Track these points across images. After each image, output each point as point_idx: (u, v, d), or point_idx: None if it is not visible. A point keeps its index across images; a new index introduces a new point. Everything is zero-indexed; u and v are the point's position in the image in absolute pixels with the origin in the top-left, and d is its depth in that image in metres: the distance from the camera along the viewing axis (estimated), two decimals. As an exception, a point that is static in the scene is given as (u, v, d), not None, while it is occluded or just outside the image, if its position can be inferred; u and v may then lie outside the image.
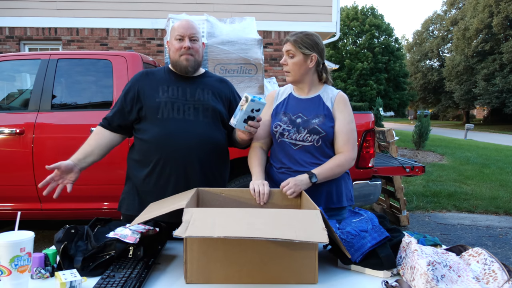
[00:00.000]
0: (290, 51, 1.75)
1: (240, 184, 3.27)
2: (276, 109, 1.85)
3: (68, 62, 3.48)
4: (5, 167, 3.26)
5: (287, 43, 1.76)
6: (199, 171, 1.73)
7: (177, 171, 1.70)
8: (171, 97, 1.75)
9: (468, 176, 7.68)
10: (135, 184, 1.79)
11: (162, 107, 1.73)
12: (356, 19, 34.68)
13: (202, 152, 1.73)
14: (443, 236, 4.19)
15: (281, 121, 1.79)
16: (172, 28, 1.80)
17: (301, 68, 1.76)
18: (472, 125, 19.65)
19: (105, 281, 1.12)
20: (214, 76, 1.94)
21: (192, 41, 1.75)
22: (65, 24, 7.46)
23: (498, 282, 1.10)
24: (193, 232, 1.07)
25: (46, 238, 3.87)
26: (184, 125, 1.72)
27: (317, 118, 1.76)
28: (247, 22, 3.73)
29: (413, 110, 46.41)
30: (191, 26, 1.76)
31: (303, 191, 1.57)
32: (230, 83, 1.98)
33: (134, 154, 1.81)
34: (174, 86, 1.79)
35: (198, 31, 1.78)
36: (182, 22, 1.77)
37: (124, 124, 1.80)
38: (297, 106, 1.81)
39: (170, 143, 1.69)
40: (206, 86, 1.83)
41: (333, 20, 7.90)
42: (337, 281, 1.23)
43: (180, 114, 1.73)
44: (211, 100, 1.79)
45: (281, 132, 1.78)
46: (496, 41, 28.80)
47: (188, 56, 1.74)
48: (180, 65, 1.76)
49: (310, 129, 1.74)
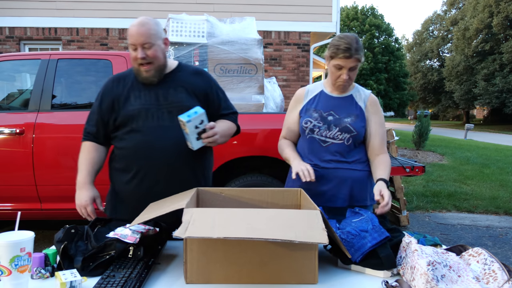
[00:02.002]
0: (356, 66, 1.72)
1: (240, 184, 3.27)
2: (306, 106, 1.85)
3: (68, 62, 3.48)
4: (5, 167, 3.25)
5: (350, 58, 1.67)
6: (180, 174, 1.71)
7: (159, 176, 1.68)
8: (144, 104, 1.70)
9: (468, 176, 7.68)
10: (118, 189, 1.77)
11: (136, 116, 1.68)
12: (356, 19, 34.68)
13: (181, 156, 1.70)
14: (443, 236, 4.19)
15: (311, 117, 1.80)
16: (128, 31, 1.69)
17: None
18: (472, 125, 19.65)
19: (105, 281, 1.12)
20: (188, 68, 1.84)
21: (146, 49, 1.63)
22: (65, 24, 7.46)
23: (498, 282, 1.10)
24: (193, 232, 1.07)
25: (46, 238, 3.86)
26: (160, 131, 1.68)
27: (350, 117, 1.77)
28: (247, 22, 3.73)
29: (413, 110, 46.41)
30: (140, 33, 1.61)
31: (303, 191, 1.57)
32: (206, 73, 1.89)
33: (114, 161, 1.77)
34: (145, 91, 1.72)
35: (151, 34, 1.63)
36: (131, 29, 1.63)
37: (108, 134, 1.77)
38: (329, 104, 1.81)
39: (148, 152, 1.66)
40: (178, 84, 1.75)
41: (333, 20, 7.90)
42: (337, 281, 1.23)
43: (154, 121, 1.69)
44: (185, 100, 1.73)
45: (311, 128, 1.78)
46: (496, 41, 28.80)
47: (146, 67, 1.66)
48: (142, 77, 1.70)
49: (342, 127, 1.75)
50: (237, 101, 3.54)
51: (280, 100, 4.15)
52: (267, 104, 3.82)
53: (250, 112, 3.45)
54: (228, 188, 1.60)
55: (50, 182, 3.26)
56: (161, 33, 1.69)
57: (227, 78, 3.51)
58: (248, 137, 3.24)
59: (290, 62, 7.89)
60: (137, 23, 1.64)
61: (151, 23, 1.65)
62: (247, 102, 3.52)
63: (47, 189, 3.28)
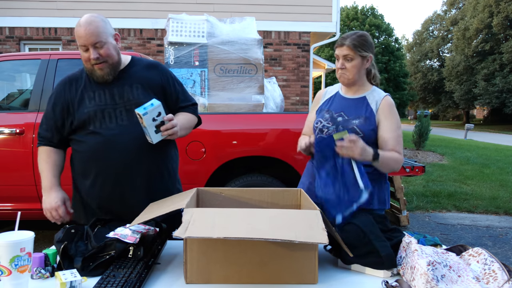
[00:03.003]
0: (349, 55, 1.72)
1: (240, 184, 3.27)
2: (321, 106, 1.87)
3: (68, 62, 3.48)
4: (5, 167, 3.25)
5: (343, 46, 1.72)
6: (145, 173, 1.68)
7: (121, 178, 1.64)
8: (100, 104, 1.64)
9: (468, 176, 7.68)
10: (81, 194, 1.72)
11: (92, 117, 1.63)
12: (356, 19, 34.67)
13: (143, 154, 1.66)
14: (443, 236, 4.19)
15: (323, 117, 1.81)
16: (75, 32, 1.61)
17: (358, 71, 1.75)
18: (472, 125, 19.65)
19: (105, 281, 1.12)
20: (141, 62, 1.77)
21: (98, 48, 1.58)
22: (65, 24, 7.47)
23: (498, 282, 1.10)
24: (193, 232, 1.07)
25: (46, 238, 3.86)
26: (119, 131, 1.63)
27: (358, 119, 1.74)
28: (247, 22, 3.73)
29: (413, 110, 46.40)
30: (90, 32, 1.56)
31: (303, 191, 1.57)
32: (161, 66, 1.82)
33: (74, 165, 1.73)
34: (100, 90, 1.66)
35: (100, 32, 1.57)
36: (79, 29, 1.57)
37: (63, 138, 1.71)
38: (341, 105, 1.81)
39: (108, 154, 1.62)
40: (133, 80, 1.70)
41: (333, 20, 7.91)
42: (337, 281, 1.23)
43: (112, 121, 1.64)
44: (141, 96, 1.67)
45: (321, 128, 1.79)
46: (496, 41, 28.81)
47: (100, 65, 1.60)
48: (97, 76, 1.63)
49: (349, 129, 1.72)
50: (237, 101, 3.54)
51: (280, 100, 4.15)
52: (267, 104, 3.82)
53: (250, 112, 3.45)
54: (228, 188, 1.60)
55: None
56: (110, 29, 1.65)
57: (227, 78, 3.51)
58: (248, 137, 3.24)
59: (290, 62, 7.90)
60: (83, 22, 1.57)
61: (98, 20, 1.60)
62: (247, 102, 3.52)
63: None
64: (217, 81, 3.48)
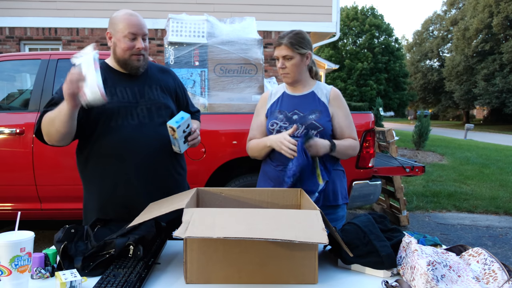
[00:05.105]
0: (287, 55, 1.75)
1: (240, 184, 3.27)
2: (270, 109, 1.87)
3: (68, 62, 3.48)
4: (5, 167, 3.25)
5: (280, 46, 1.76)
6: (166, 173, 1.69)
7: (144, 177, 1.64)
8: (122, 101, 1.63)
9: (468, 176, 7.68)
10: (96, 196, 1.67)
11: (115, 113, 1.61)
12: (356, 19, 34.70)
13: (165, 154, 1.68)
14: (443, 236, 4.19)
15: (277, 119, 1.80)
16: (118, 21, 1.60)
17: (299, 68, 1.79)
18: (472, 125, 19.65)
19: (105, 281, 1.12)
20: (155, 66, 1.82)
21: (144, 40, 1.63)
22: (65, 24, 7.46)
23: (498, 282, 1.10)
24: (193, 232, 1.07)
25: (46, 238, 3.87)
26: (142, 130, 1.64)
27: (314, 113, 1.77)
28: (247, 22, 3.73)
29: (413, 110, 46.41)
30: (144, 24, 1.62)
31: (303, 191, 1.57)
32: (172, 71, 1.88)
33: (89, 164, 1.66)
34: (121, 87, 1.66)
35: (146, 27, 1.66)
36: (132, 18, 1.60)
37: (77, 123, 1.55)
38: (292, 103, 1.83)
39: (132, 152, 1.61)
40: (152, 82, 1.73)
41: (333, 20, 7.90)
42: (337, 281, 1.23)
43: (134, 119, 1.63)
44: (161, 97, 1.71)
45: (278, 130, 1.78)
46: (496, 41, 28.81)
47: (139, 56, 1.63)
48: (131, 65, 1.64)
49: (308, 125, 1.75)
50: (237, 101, 3.54)
51: (280, 100, 4.14)
52: (267, 104, 3.81)
53: (250, 112, 3.45)
54: (228, 188, 1.60)
55: (50, 182, 3.26)
56: None
57: (227, 78, 3.51)
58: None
59: (290, 62, 7.88)
60: (134, 13, 1.62)
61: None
62: (247, 102, 3.52)
63: (47, 189, 3.28)
64: (217, 81, 3.48)
